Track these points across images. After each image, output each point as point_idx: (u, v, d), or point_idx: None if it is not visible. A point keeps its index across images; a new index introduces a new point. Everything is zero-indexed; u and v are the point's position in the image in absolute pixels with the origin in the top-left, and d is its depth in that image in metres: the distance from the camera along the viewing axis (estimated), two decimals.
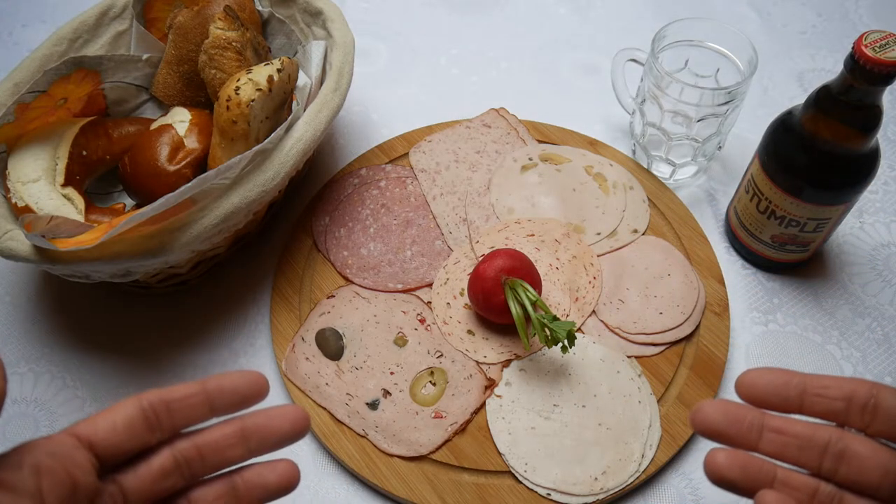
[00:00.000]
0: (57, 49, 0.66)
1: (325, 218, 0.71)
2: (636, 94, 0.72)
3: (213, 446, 0.34)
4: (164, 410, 0.33)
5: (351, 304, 0.65)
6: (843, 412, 0.32)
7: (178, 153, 0.64)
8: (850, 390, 0.31)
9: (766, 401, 0.32)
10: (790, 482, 0.32)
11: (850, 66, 0.52)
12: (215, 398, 0.34)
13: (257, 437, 0.34)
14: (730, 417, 0.32)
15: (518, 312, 0.57)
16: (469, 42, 0.89)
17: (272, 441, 0.35)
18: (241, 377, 0.34)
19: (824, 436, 0.32)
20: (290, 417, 0.35)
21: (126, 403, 0.33)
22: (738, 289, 0.68)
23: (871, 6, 0.91)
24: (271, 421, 0.34)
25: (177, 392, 0.33)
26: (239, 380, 0.34)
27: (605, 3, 0.93)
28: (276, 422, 0.34)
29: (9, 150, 0.63)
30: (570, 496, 0.55)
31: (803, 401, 0.32)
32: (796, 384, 0.32)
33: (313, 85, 0.66)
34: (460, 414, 0.59)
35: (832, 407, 0.32)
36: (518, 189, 0.72)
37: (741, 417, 0.32)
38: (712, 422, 0.32)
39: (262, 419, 0.34)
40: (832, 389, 0.32)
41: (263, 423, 0.34)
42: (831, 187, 0.59)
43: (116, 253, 0.54)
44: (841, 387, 0.32)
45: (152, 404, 0.33)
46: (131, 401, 0.33)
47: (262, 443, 0.35)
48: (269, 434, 0.34)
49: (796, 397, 0.32)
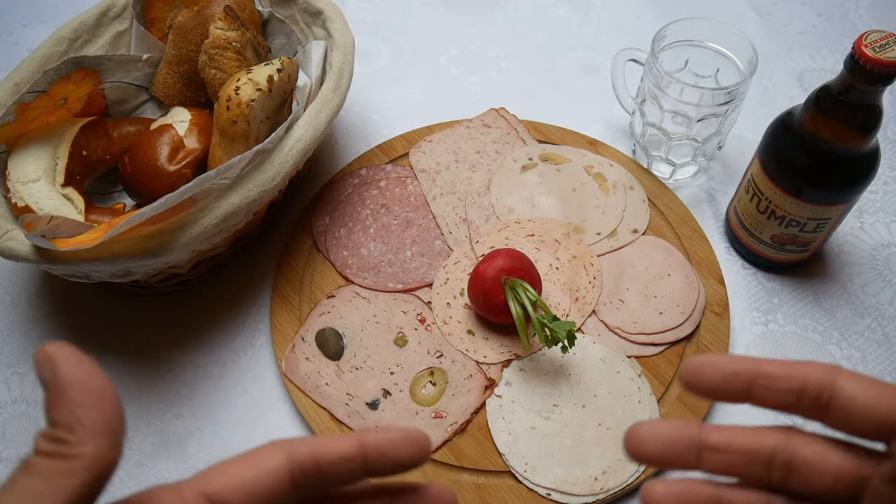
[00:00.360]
0: (57, 49, 0.66)
1: (325, 218, 0.71)
2: (636, 94, 0.72)
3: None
4: (314, 473, 0.28)
5: (351, 304, 0.65)
6: (794, 405, 0.29)
7: (178, 153, 0.64)
8: (801, 382, 0.28)
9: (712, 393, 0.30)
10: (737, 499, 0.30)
11: (850, 66, 0.52)
12: (373, 463, 0.29)
13: None
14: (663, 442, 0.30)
15: (518, 312, 0.57)
16: (469, 42, 0.89)
17: None
18: (403, 441, 0.30)
19: (769, 445, 0.29)
20: (442, 500, 0.31)
21: (271, 456, 0.28)
22: (738, 289, 0.68)
23: (871, 6, 0.91)
24: (420, 499, 0.31)
25: (331, 451, 0.29)
26: (402, 444, 0.30)
27: (605, 3, 0.93)
28: (425, 500, 0.31)
29: (9, 150, 0.63)
30: (570, 496, 0.55)
31: (751, 393, 0.29)
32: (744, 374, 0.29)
33: (313, 85, 0.66)
34: (460, 414, 0.59)
35: (782, 400, 0.29)
36: (518, 189, 0.72)
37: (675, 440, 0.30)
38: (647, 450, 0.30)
39: (411, 498, 0.31)
40: (781, 381, 0.29)
41: (411, 500, 0.31)
42: (831, 187, 0.59)
43: (116, 253, 0.54)
44: (791, 377, 0.29)
45: (302, 464, 0.28)
46: (278, 455, 0.28)
47: None
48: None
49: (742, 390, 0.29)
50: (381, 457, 0.29)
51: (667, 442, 0.30)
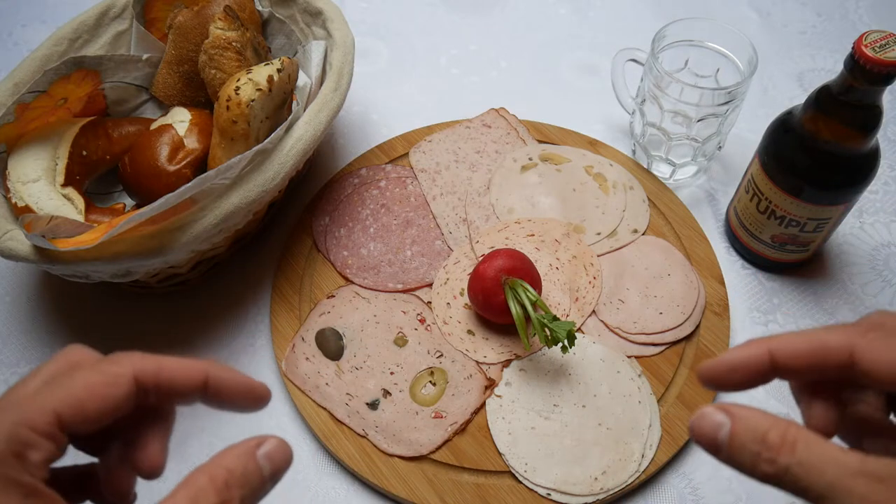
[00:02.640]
0: (57, 49, 0.66)
1: (325, 218, 0.71)
2: (636, 94, 0.72)
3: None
4: (154, 391, 0.31)
5: (351, 304, 0.65)
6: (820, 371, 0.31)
7: (178, 153, 0.64)
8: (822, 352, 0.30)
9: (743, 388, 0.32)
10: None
11: (850, 66, 0.52)
12: (211, 397, 0.33)
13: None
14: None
15: (518, 312, 0.57)
16: (469, 42, 0.89)
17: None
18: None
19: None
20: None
21: (121, 383, 0.30)
22: (738, 289, 0.68)
23: (871, 6, 0.91)
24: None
25: (178, 378, 0.31)
26: (243, 392, 0.33)
27: (605, 3, 0.93)
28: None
29: (9, 150, 0.63)
30: (570, 496, 0.55)
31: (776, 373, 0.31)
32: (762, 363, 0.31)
33: (313, 85, 0.66)
34: (460, 414, 0.59)
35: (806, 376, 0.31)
36: (518, 189, 0.72)
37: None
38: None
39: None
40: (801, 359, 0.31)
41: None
42: (831, 187, 0.59)
43: (116, 253, 0.54)
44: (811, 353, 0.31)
45: (145, 384, 0.31)
46: (127, 381, 0.30)
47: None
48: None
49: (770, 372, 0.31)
50: (218, 396, 0.32)
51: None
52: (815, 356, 0.30)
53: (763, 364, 0.31)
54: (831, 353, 0.30)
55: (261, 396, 0.34)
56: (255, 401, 0.33)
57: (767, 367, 0.31)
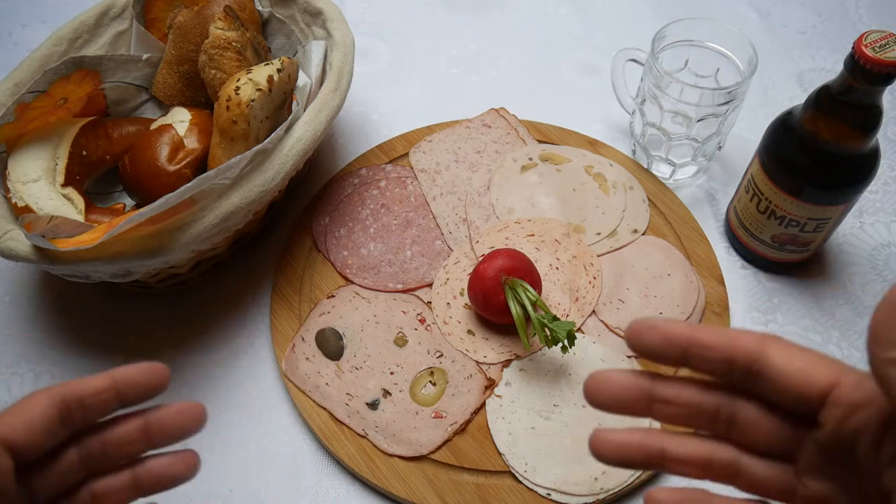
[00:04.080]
0: (57, 49, 0.66)
1: (325, 218, 0.71)
2: (636, 94, 0.72)
3: (118, 441, 0.35)
4: (77, 407, 0.33)
5: (351, 304, 0.65)
6: (727, 374, 0.30)
7: (178, 153, 0.64)
8: (732, 351, 0.30)
9: (650, 354, 0.31)
10: (680, 457, 0.32)
11: (850, 66, 0.52)
12: (125, 393, 0.34)
13: (159, 431, 0.35)
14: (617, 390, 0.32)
15: (518, 312, 0.57)
16: (469, 42, 0.89)
17: (173, 435, 0.36)
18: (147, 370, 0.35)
19: (713, 402, 0.31)
20: (191, 413, 0.36)
21: (38, 399, 0.32)
22: (738, 289, 0.68)
23: (871, 6, 0.91)
24: (173, 417, 0.36)
25: (89, 387, 0.34)
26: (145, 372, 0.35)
27: (605, 3, 0.93)
28: (176, 417, 0.36)
29: (9, 150, 0.63)
30: (570, 496, 0.55)
31: (687, 359, 0.31)
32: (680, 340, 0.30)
33: (313, 85, 0.66)
34: (460, 414, 0.59)
35: (714, 369, 0.30)
36: (518, 189, 0.72)
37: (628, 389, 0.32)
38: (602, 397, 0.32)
39: (163, 414, 0.36)
40: (713, 350, 0.30)
41: (165, 418, 0.36)
42: (831, 187, 0.59)
43: (116, 253, 0.54)
44: (722, 346, 0.30)
45: (66, 400, 0.33)
46: (43, 397, 0.32)
47: (164, 437, 0.36)
48: (171, 429, 0.36)
49: (679, 355, 0.31)
50: (129, 383, 0.34)
51: (618, 389, 0.32)
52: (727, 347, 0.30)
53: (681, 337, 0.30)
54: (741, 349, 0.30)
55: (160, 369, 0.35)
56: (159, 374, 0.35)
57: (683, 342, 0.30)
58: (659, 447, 0.32)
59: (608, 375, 0.32)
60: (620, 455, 0.32)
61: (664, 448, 0.32)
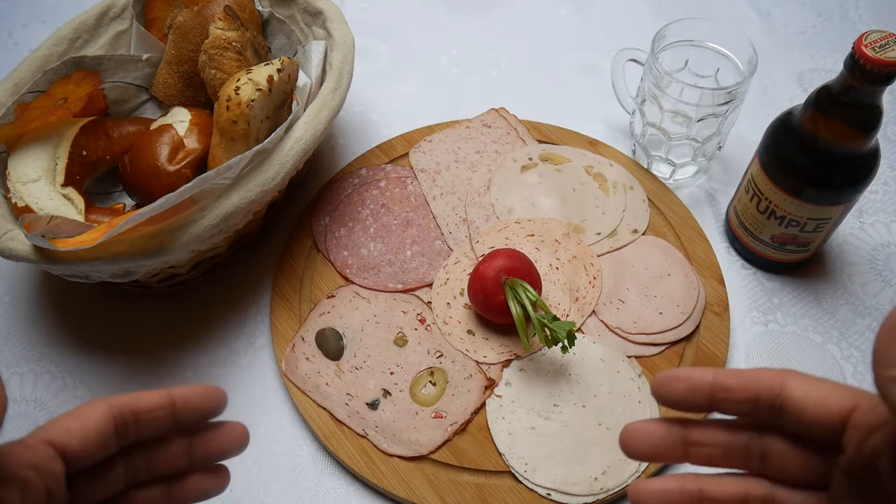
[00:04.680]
0: (57, 49, 0.66)
1: (325, 218, 0.71)
2: (636, 94, 0.72)
3: (162, 457, 0.35)
4: (132, 421, 0.33)
5: (351, 304, 0.65)
6: (753, 413, 0.32)
7: (178, 153, 0.64)
8: (755, 392, 0.31)
9: (679, 405, 0.33)
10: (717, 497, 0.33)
11: (850, 66, 0.52)
12: (181, 413, 0.34)
13: (202, 451, 0.36)
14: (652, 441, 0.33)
15: (518, 312, 0.57)
16: (469, 42, 0.89)
17: (216, 457, 0.36)
18: (205, 392, 0.35)
19: (743, 440, 0.33)
20: (235, 435, 0.36)
21: (96, 409, 0.32)
22: (738, 289, 0.68)
23: (871, 6, 0.91)
24: (217, 438, 0.36)
25: (146, 402, 0.34)
26: (204, 395, 0.35)
27: (605, 3, 0.93)
28: (221, 439, 0.36)
29: (9, 150, 0.63)
30: (570, 496, 0.55)
31: (714, 404, 0.32)
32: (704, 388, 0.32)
33: (313, 85, 0.66)
34: (460, 414, 0.59)
35: (741, 409, 0.32)
36: (518, 189, 0.72)
37: (663, 438, 0.33)
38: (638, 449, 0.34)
39: (208, 435, 0.36)
40: (736, 392, 0.31)
41: (210, 440, 0.36)
42: (831, 187, 0.59)
43: (116, 253, 0.54)
44: (745, 388, 0.31)
45: (123, 413, 0.33)
46: (101, 407, 0.33)
47: (207, 457, 0.36)
48: (214, 450, 0.36)
49: (706, 401, 0.32)
50: (186, 404, 0.34)
51: (655, 440, 0.34)
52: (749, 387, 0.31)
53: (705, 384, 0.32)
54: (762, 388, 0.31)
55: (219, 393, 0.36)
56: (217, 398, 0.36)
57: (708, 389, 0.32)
58: (697, 489, 0.33)
59: (643, 427, 0.34)
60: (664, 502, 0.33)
61: (702, 489, 0.33)
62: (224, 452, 0.36)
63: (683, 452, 0.33)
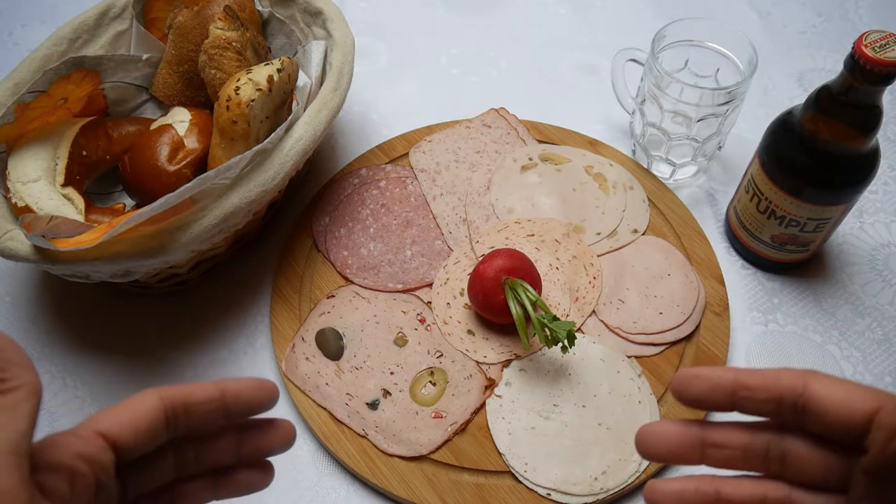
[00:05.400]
0: (57, 49, 0.66)
1: (325, 218, 0.71)
2: (636, 94, 0.72)
3: (210, 451, 0.35)
4: (183, 413, 0.33)
5: (351, 304, 0.65)
6: (775, 412, 0.31)
7: (178, 153, 0.64)
8: (777, 391, 0.31)
9: (699, 404, 0.32)
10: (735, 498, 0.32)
11: (850, 66, 0.52)
12: (231, 406, 0.34)
13: (250, 447, 0.36)
14: (669, 442, 0.33)
15: (518, 312, 0.57)
16: (469, 42, 0.89)
17: (263, 453, 0.36)
18: (257, 387, 0.35)
19: (762, 441, 0.32)
20: (283, 432, 0.37)
21: (148, 399, 0.32)
22: (738, 289, 0.68)
23: (871, 6, 0.91)
24: (266, 434, 0.36)
25: (197, 394, 0.33)
26: (255, 389, 0.35)
27: (605, 3, 0.93)
28: (270, 436, 0.36)
29: (9, 150, 0.63)
30: (570, 496, 0.55)
31: (735, 404, 0.32)
32: (726, 387, 0.32)
33: (313, 85, 0.66)
34: (460, 414, 0.59)
35: (763, 409, 0.32)
36: (518, 189, 0.72)
37: (680, 439, 0.33)
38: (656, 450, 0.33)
39: (257, 432, 0.36)
40: (759, 391, 0.31)
41: (259, 436, 0.36)
42: (831, 187, 0.59)
43: (116, 253, 0.54)
44: (767, 387, 0.31)
45: (174, 405, 0.33)
46: (153, 397, 0.32)
47: (254, 453, 0.36)
48: (262, 446, 0.36)
49: (727, 400, 0.32)
50: (238, 401, 0.34)
51: (672, 442, 0.33)
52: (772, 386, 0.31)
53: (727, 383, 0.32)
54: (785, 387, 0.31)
55: (271, 387, 0.36)
56: (269, 393, 0.35)
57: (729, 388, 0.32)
58: (713, 490, 0.33)
59: (660, 428, 0.33)
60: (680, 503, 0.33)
61: (719, 491, 0.33)
62: (272, 449, 0.36)
63: (700, 454, 0.33)
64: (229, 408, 0.34)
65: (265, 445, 0.36)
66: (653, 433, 0.33)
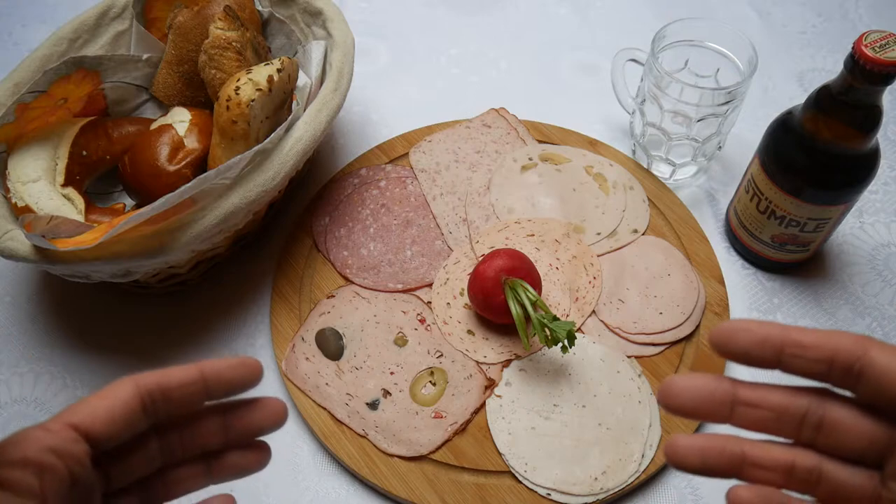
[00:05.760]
0: (57, 49, 0.66)
1: (325, 218, 0.71)
2: (636, 94, 0.72)
3: (197, 435, 0.35)
4: (161, 399, 0.32)
5: (351, 304, 0.65)
6: (825, 374, 0.29)
7: (178, 153, 0.64)
8: (832, 352, 0.29)
9: (742, 358, 0.30)
10: (762, 462, 0.30)
11: (850, 66, 0.52)
12: (212, 386, 0.33)
13: (239, 428, 0.35)
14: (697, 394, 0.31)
15: (518, 312, 0.57)
16: (469, 42, 0.89)
17: (253, 433, 0.35)
18: (237, 365, 0.34)
19: (801, 404, 0.30)
20: (271, 410, 0.35)
21: (122, 388, 0.32)
22: (738, 289, 0.68)
23: (871, 6, 0.91)
24: (253, 414, 0.35)
25: (175, 377, 0.33)
26: (236, 367, 0.34)
27: (605, 3, 0.93)
28: (257, 415, 0.35)
29: (9, 150, 0.63)
30: (570, 496, 0.55)
31: (781, 361, 0.29)
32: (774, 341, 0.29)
33: (313, 85, 0.66)
34: (460, 414, 0.59)
35: (812, 369, 0.29)
36: (518, 189, 0.72)
37: (710, 392, 0.30)
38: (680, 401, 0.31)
39: (244, 412, 0.35)
40: (811, 350, 0.29)
41: (245, 416, 0.35)
42: (831, 187, 0.59)
43: (116, 253, 0.54)
44: (822, 346, 0.29)
45: (150, 391, 0.32)
46: (128, 385, 0.32)
47: (243, 434, 0.35)
48: (251, 426, 0.35)
49: (773, 356, 0.29)
50: (218, 378, 0.33)
51: (700, 394, 0.30)
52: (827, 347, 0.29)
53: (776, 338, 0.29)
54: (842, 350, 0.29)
55: (253, 364, 0.34)
56: (251, 369, 0.34)
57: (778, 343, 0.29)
58: (740, 451, 0.31)
59: (686, 378, 0.31)
60: (703, 461, 0.30)
61: (745, 452, 0.31)
62: (261, 429, 0.35)
63: (729, 412, 0.30)
64: (210, 388, 0.33)
65: (254, 425, 0.35)
66: (680, 383, 0.30)
